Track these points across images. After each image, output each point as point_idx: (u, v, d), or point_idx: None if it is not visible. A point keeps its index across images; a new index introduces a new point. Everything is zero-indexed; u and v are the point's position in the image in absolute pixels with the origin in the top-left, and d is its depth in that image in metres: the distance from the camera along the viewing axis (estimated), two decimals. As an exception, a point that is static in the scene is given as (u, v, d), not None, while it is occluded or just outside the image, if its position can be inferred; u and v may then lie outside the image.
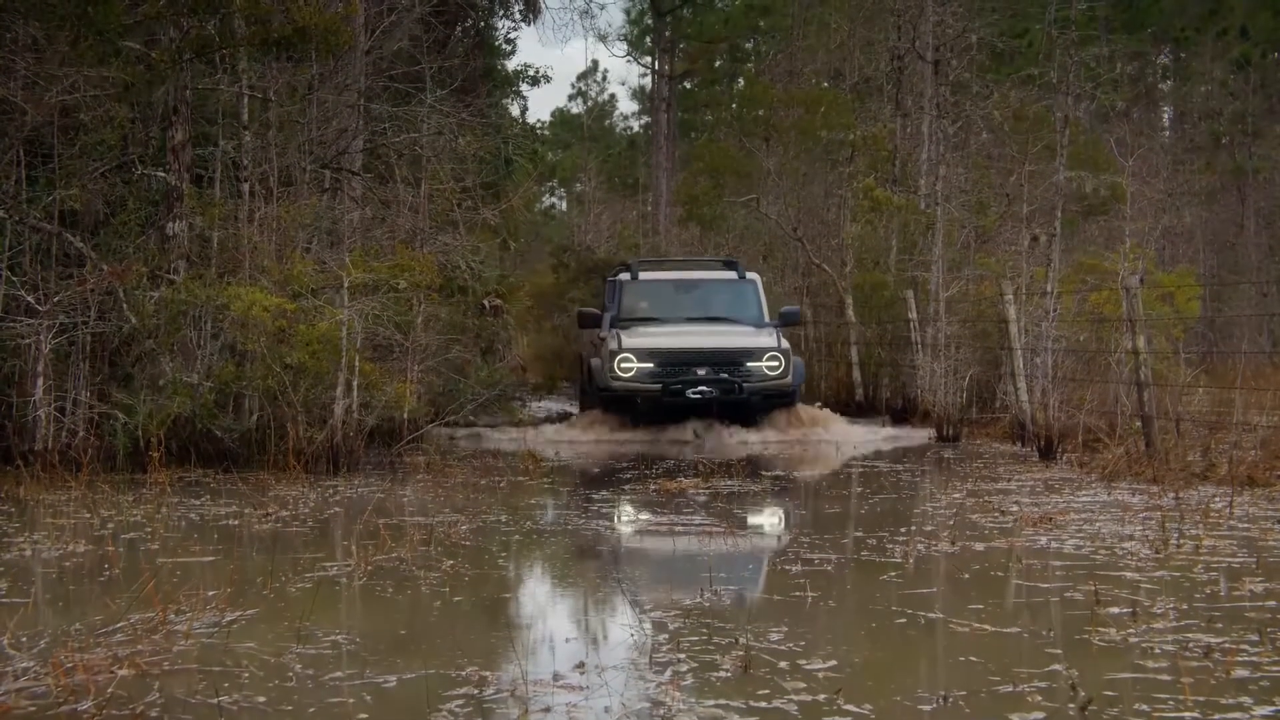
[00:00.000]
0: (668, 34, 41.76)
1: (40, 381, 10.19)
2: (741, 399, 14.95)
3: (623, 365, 14.87)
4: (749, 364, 15.00)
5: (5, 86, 10.67)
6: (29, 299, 10.35)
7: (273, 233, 12.20)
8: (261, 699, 3.93)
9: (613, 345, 15.08)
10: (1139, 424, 11.53)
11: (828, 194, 22.03)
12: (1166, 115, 37.77)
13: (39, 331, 10.22)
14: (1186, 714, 3.71)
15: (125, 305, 10.79)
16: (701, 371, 14.82)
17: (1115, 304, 13.17)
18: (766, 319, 16.13)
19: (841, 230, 19.67)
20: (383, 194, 14.87)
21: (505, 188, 19.62)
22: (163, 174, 11.52)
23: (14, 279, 10.42)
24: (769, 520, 8.98)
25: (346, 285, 11.23)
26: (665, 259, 21.40)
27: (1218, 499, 8.75)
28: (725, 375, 14.82)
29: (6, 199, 10.62)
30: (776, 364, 14.97)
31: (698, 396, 14.73)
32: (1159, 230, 19.49)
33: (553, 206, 53.97)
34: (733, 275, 16.83)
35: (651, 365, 14.87)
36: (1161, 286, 15.53)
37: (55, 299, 10.39)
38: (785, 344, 15.32)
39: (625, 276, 16.72)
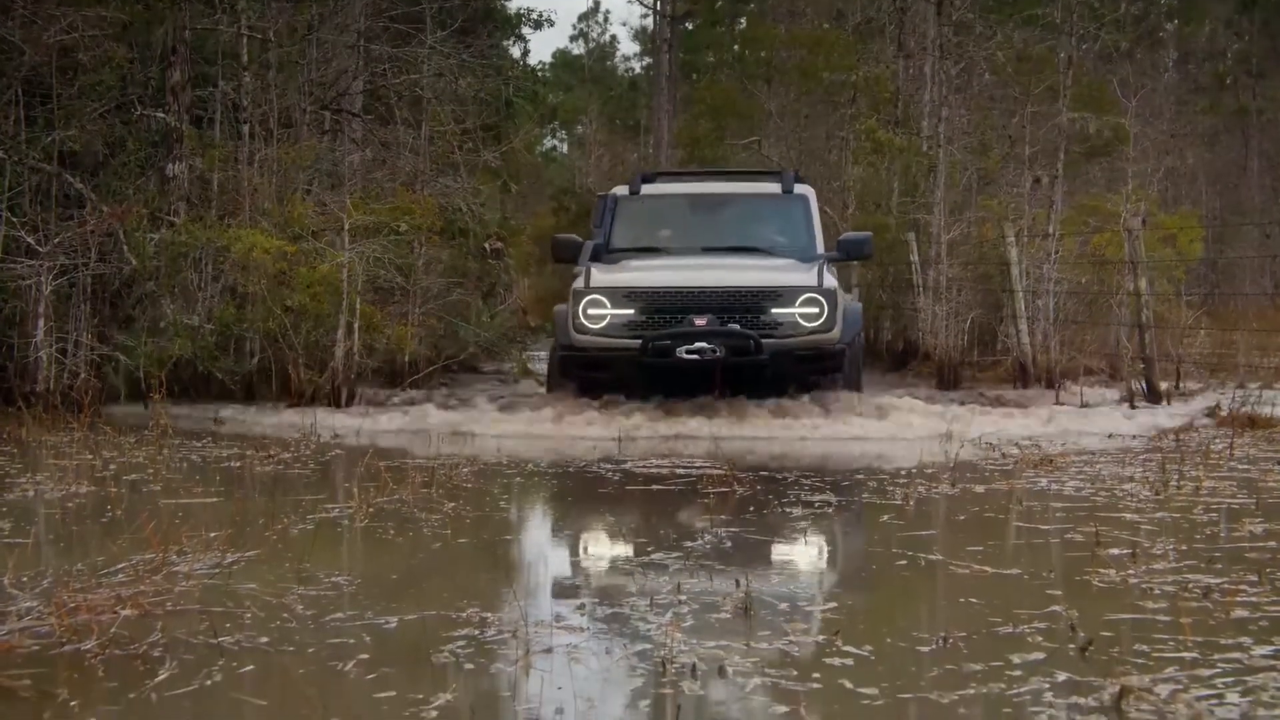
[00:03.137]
0: (670, -26, 41.43)
1: (41, 323, 10.19)
2: (759, 361, 10.21)
3: (590, 312, 10.42)
4: (773, 310, 10.36)
5: (3, 26, 10.61)
6: (29, 240, 10.34)
7: (273, 175, 12.17)
8: (263, 639, 3.95)
9: (579, 284, 10.59)
10: (1140, 366, 11.54)
11: (829, 136, 21.90)
12: (1170, 56, 37.53)
13: (39, 273, 10.21)
14: (1186, 654, 3.72)
15: (125, 247, 10.78)
16: (701, 321, 10.18)
17: (1117, 246, 13.14)
18: (819, 249, 11.48)
19: (843, 173, 19.56)
20: (383, 136, 14.80)
21: (506, 130, 19.48)
22: (162, 115, 11.48)
23: (14, 220, 10.40)
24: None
25: (347, 227, 11.20)
26: (689, 170, 17.08)
27: (1218, 440, 8.77)
28: (736, 326, 10.21)
29: (6, 139, 10.57)
30: (815, 311, 10.33)
31: (694, 357, 10.08)
32: (1161, 172, 19.40)
33: (554, 149, 53.77)
34: (775, 188, 12.13)
35: (631, 313, 10.39)
36: (1164, 228, 15.49)
37: (55, 240, 10.38)
38: (831, 281, 10.62)
39: (622, 191, 12.22)
